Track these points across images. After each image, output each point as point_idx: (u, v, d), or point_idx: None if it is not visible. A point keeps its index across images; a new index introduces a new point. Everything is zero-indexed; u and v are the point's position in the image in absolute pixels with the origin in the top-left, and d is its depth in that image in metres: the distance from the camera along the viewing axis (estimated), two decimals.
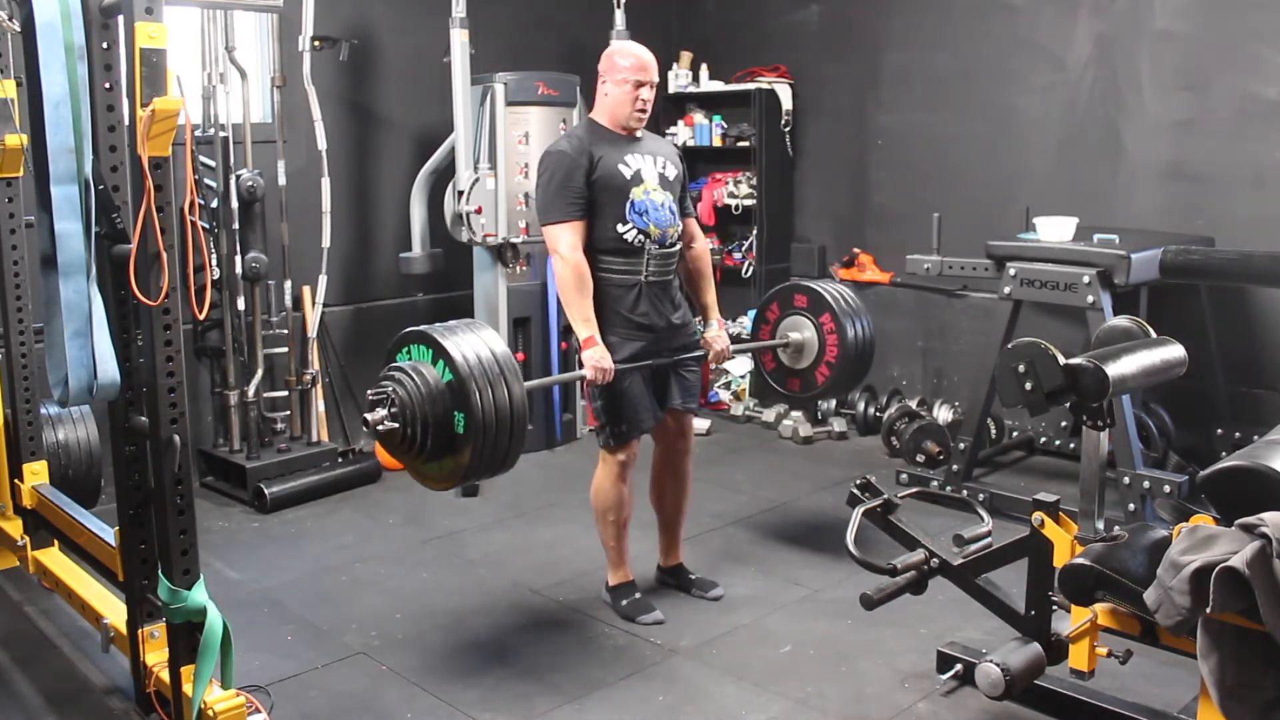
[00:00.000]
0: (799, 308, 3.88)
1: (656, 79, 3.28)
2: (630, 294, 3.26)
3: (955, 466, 4.40)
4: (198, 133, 4.50)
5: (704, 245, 3.57)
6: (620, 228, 3.22)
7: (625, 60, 3.24)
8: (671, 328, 3.36)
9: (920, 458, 4.82)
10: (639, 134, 3.33)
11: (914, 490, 3.71)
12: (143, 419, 2.55)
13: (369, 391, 2.83)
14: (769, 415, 5.65)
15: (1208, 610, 2.09)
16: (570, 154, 3.19)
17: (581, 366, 3.26)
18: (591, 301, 3.20)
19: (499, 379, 2.76)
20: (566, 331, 5.21)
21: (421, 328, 2.86)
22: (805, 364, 3.89)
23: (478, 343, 2.81)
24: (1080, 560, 2.46)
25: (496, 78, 4.99)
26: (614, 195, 3.22)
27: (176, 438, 2.46)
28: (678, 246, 3.37)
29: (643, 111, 3.27)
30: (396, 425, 2.75)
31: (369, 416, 2.76)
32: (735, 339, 3.56)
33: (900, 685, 3.01)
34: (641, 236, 3.24)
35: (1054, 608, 2.65)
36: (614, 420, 3.29)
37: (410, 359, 2.86)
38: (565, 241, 3.17)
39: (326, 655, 3.22)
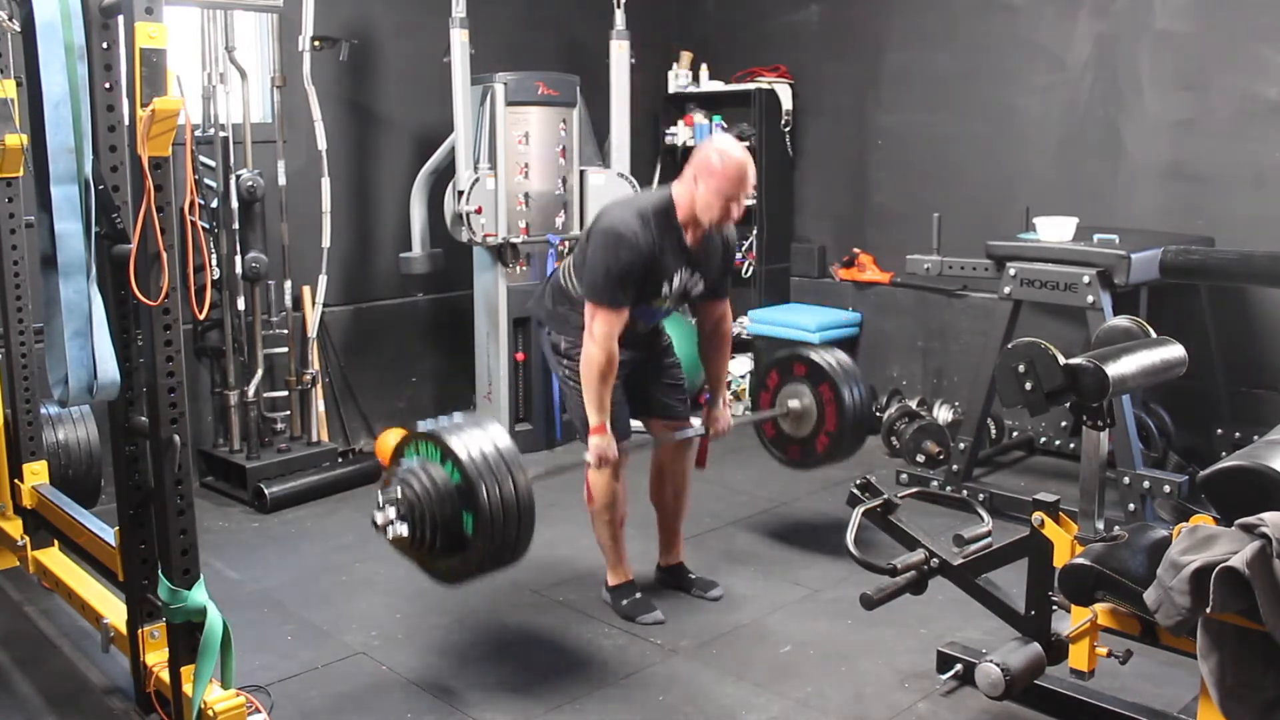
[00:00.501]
0: (798, 376, 3.94)
1: (750, 192, 3.14)
2: None
3: (955, 466, 4.40)
4: (198, 133, 4.50)
5: (729, 326, 3.54)
6: None
7: (724, 168, 3.04)
8: (651, 344, 3.44)
9: (920, 458, 4.82)
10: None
11: (914, 490, 3.71)
12: (143, 419, 2.55)
13: (379, 494, 2.85)
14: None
15: (1208, 610, 2.09)
16: (641, 248, 3.08)
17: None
18: (611, 390, 3.18)
19: (505, 474, 2.78)
20: None
21: (431, 429, 2.87)
22: (805, 432, 3.96)
23: (484, 439, 2.83)
24: (1080, 560, 2.46)
25: (496, 78, 4.99)
26: (638, 298, 3.19)
27: (176, 438, 2.46)
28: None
29: (722, 224, 3.19)
30: (405, 530, 2.79)
31: (379, 519, 2.79)
32: (737, 417, 3.66)
33: (900, 685, 3.01)
34: (629, 323, 3.24)
35: (1054, 608, 2.65)
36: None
37: (419, 457, 2.87)
38: (605, 329, 3.11)
39: (326, 655, 3.22)
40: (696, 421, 3.58)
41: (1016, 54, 5.10)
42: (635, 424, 3.48)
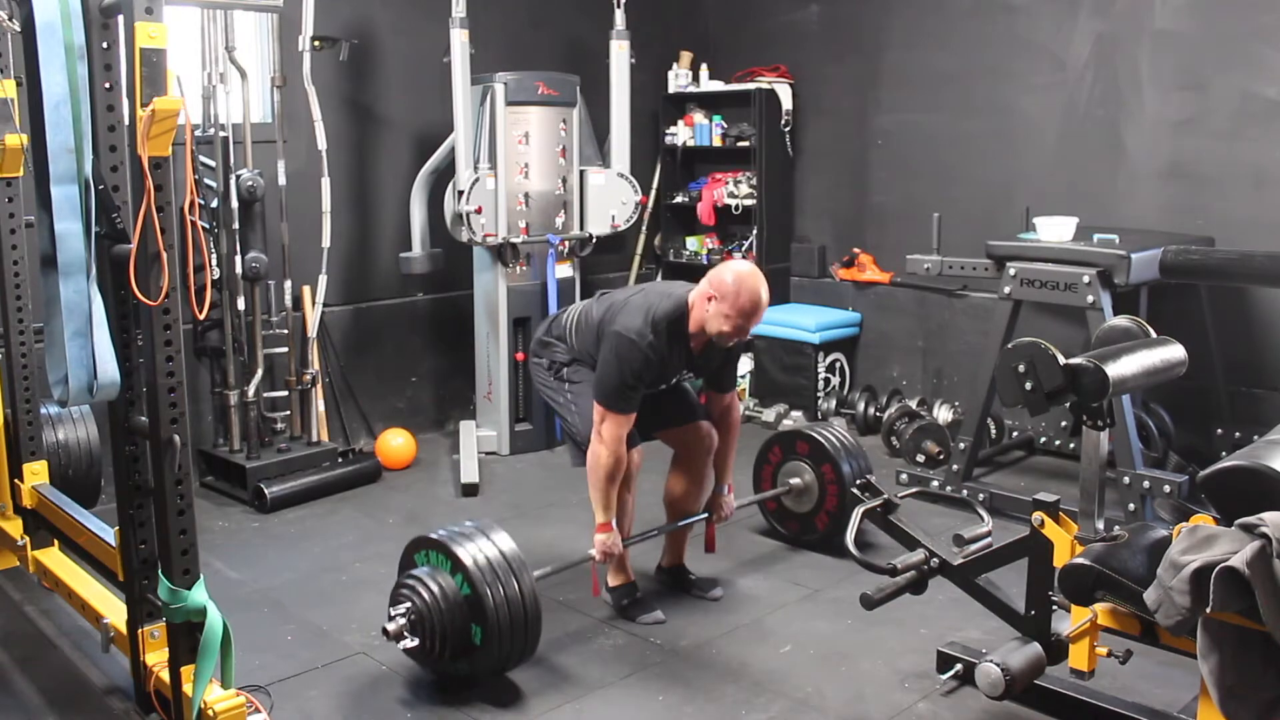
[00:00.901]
0: (800, 454, 3.97)
1: (758, 326, 3.23)
2: None
3: (955, 466, 4.40)
4: (198, 133, 4.49)
5: (737, 417, 3.57)
6: None
7: (743, 299, 3.10)
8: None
9: (920, 458, 4.82)
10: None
11: (914, 490, 3.73)
12: (143, 419, 2.55)
13: (390, 607, 2.95)
14: (769, 415, 5.65)
15: (1208, 610, 2.09)
16: (652, 359, 3.17)
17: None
18: (616, 490, 3.27)
19: (510, 576, 2.90)
20: None
21: (439, 538, 2.96)
22: (806, 509, 3.99)
23: (489, 546, 2.94)
24: (1080, 560, 2.46)
25: (496, 78, 4.99)
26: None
27: (176, 438, 2.46)
28: None
29: (727, 345, 3.27)
30: (416, 642, 2.89)
31: (390, 628, 2.90)
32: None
33: (900, 685, 3.01)
34: None
35: (1054, 608, 2.65)
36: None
37: (428, 565, 2.98)
38: (614, 432, 3.19)
39: (326, 655, 3.22)
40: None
41: (1016, 54, 5.10)
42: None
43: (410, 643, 2.89)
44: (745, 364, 5.89)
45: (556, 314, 3.62)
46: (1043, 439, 5.03)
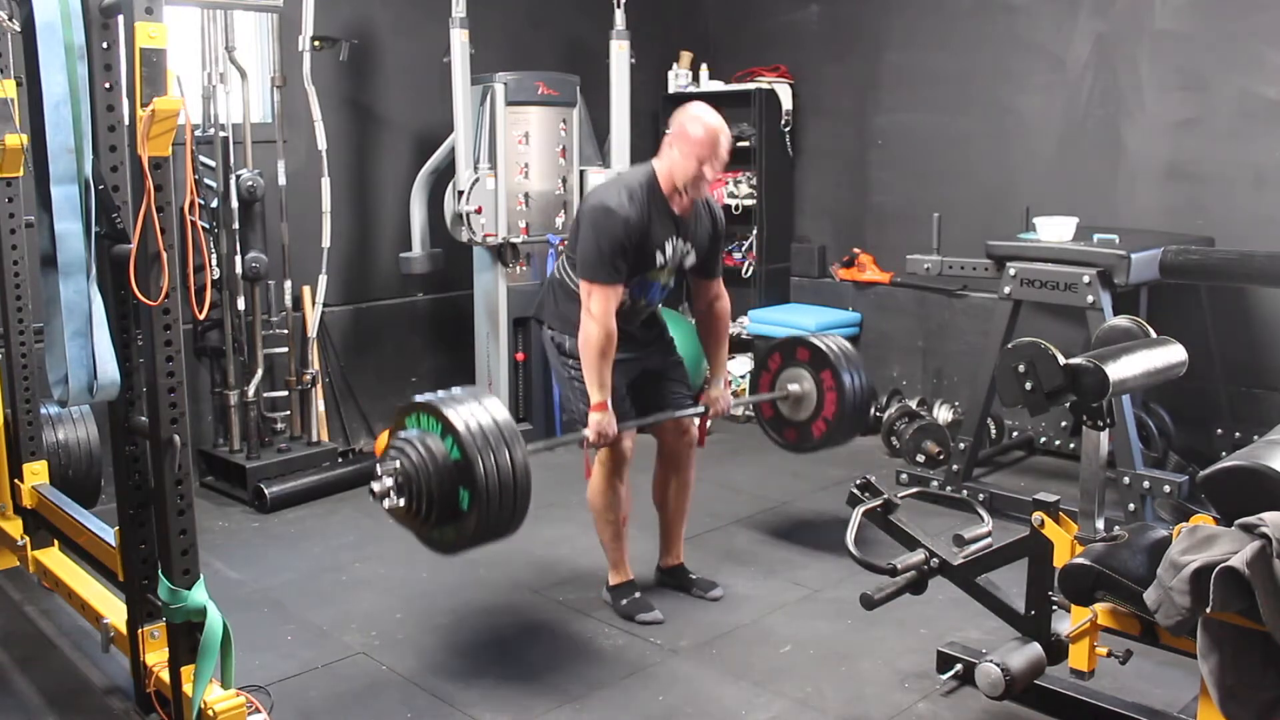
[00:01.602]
0: (800, 361, 3.94)
1: (725, 157, 3.19)
2: None
3: (955, 466, 4.40)
4: (198, 133, 4.49)
5: (725, 305, 3.56)
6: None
7: (697, 132, 3.12)
8: (653, 343, 3.45)
9: (920, 458, 4.82)
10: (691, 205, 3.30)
11: (914, 490, 3.72)
12: (143, 419, 2.55)
13: (378, 464, 2.86)
14: None
15: (1208, 610, 2.09)
16: (631, 222, 3.14)
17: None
18: (610, 367, 3.20)
19: (501, 445, 2.78)
20: None
21: (430, 400, 2.86)
22: (803, 416, 3.96)
23: (482, 412, 2.83)
24: (1080, 560, 2.46)
25: (496, 78, 4.99)
26: (633, 270, 3.22)
27: (176, 438, 2.46)
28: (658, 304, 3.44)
29: (700, 189, 3.23)
30: (403, 502, 2.80)
31: (376, 488, 2.81)
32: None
33: (900, 685, 3.01)
34: (629, 302, 3.29)
35: (1054, 608, 2.65)
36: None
37: (419, 428, 2.87)
38: (602, 305, 3.14)
39: (326, 655, 3.22)
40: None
41: (1016, 54, 5.10)
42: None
43: (397, 500, 2.78)
44: (745, 364, 5.89)
45: (554, 269, 3.56)
46: (1043, 439, 5.03)
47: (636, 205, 3.17)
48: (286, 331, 4.81)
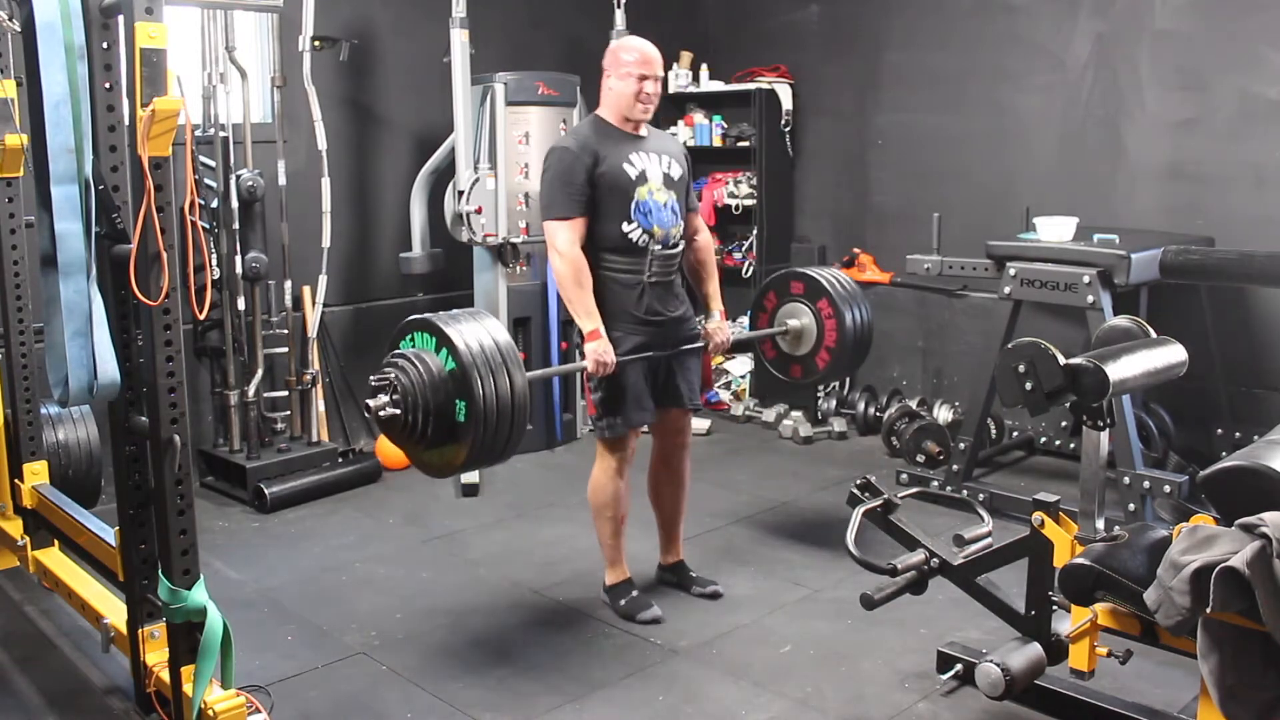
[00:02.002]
0: (796, 294, 3.90)
1: (661, 73, 3.28)
2: (634, 291, 3.27)
3: (955, 466, 4.40)
4: (198, 133, 4.50)
5: (707, 238, 3.58)
6: (625, 227, 3.23)
7: (629, 55, 3.24)
8: (674, 321, 3.38)
9: (920, 458, 4.82)
10: (644, 131, 3.34)
11: (914, 490, 3.71)
12: (143, 419, 2.55)
13: (372, 378, 2.83)
14: (769, 415, 5.65)
15: (1208, 610, 2.09)
16: (574, 150, 3.19)
17: (583, 358, 3.25)
18: (592, 295, 3.20)
19: (501, 368, 2.75)
20: (566, 328, 5.21)
21: (426, 315, 2.85)
22: (805, 350, 3.91)
23: (481, 331, 2.80)
24: (1080, 560, 2.46)
25: (496, 78, 4.99)
26: (619, 194, 3.22)
27: (176, 438, 2.46)
28: (680, 247, 3.38)
29: (647, 105, 3.27)
30: (399, 411, 2.75)
31: (371, 402, 2.76)
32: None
33: (900, 685, 3.01)
34: (645, 236, 3.25)
35: (1054, 608, 2.65)
36: (610, 412, 3.29)
37: (414, 346, 2.84)
38: (563, 238, 3.17)
39: (326, 655, 3.22)
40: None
41: (1016, 54, 5.10)
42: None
43: (393, 410, 2.74)
44: (745, 364, 5.89)
45: None
46: (1043, 439, 5.03)
47: (578, 137, 3.25)
48: (286, 331, 4.81)
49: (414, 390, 2.74)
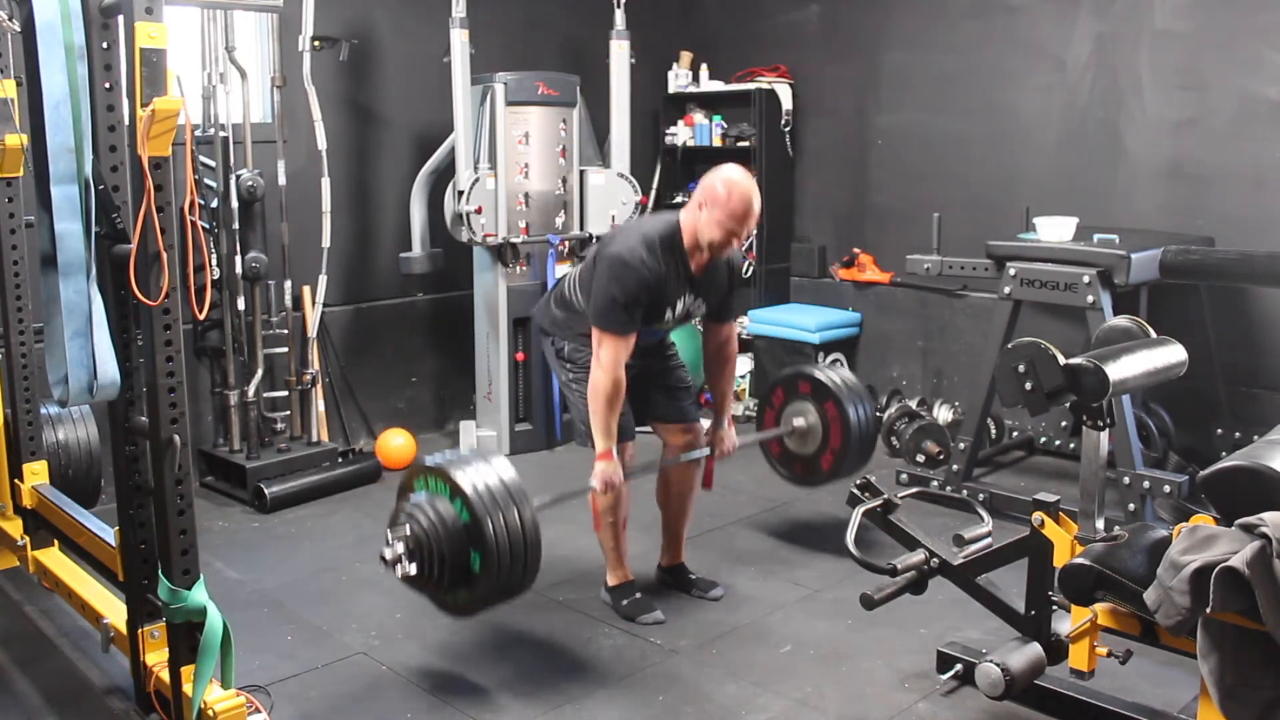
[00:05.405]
0: (803, 394, 3.96)
1: (753, 229, 3.19)
2: None
3: (955, 466, 4.40)
4: (198, 133, 4.49)
5: (734, 348, 3.55)
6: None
7: (733, 207, 3.09)
8: (653, 346, 3.44)
9: (920, 458, 4.82)
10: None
11: (914, 490, 3.71)
12: (143, 419, 2.55)
13: (389, 529, 2.89)
14: None
15: (1208, 610, 2.09)
16: (645, 276, 3.10)
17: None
18: (618, 416, 3.19)
19: (510, 505, 2.82)
20: None
21: (439, 464, 2.89)
22: (810, 450, 3.97)
23: (490, 473, 2.87)
24: (1080, 560, 2.46)
25: (496, 78, 4.99)
26: (642, 320, 3.21)
27: (176, 438, 2.46)
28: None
29: (721, 255, 3.23)
30: (414, 568, 2.83)
31: (387, 554, 2.84)
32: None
33: (900, 685, 3.01)
34: (644, 337, 3.29)
35: (1054, 608, 2.65)
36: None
37: (428, 490, 2.90)
38: (612, 355, 3.12)
39: (326, 655, 3.22)
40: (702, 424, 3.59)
41: (1016, 54, 5.10)
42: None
43: (409, 567, 2.81)
44: (745, 364, 5.89)
45: (559, 281, 3.57)
46: (1043, 439, 5.03)
47: (655, 260, 3.13)
48: (286, 331, 4.81)
49: (429, 541, 2.81)
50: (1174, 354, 2.72)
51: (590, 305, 3.18)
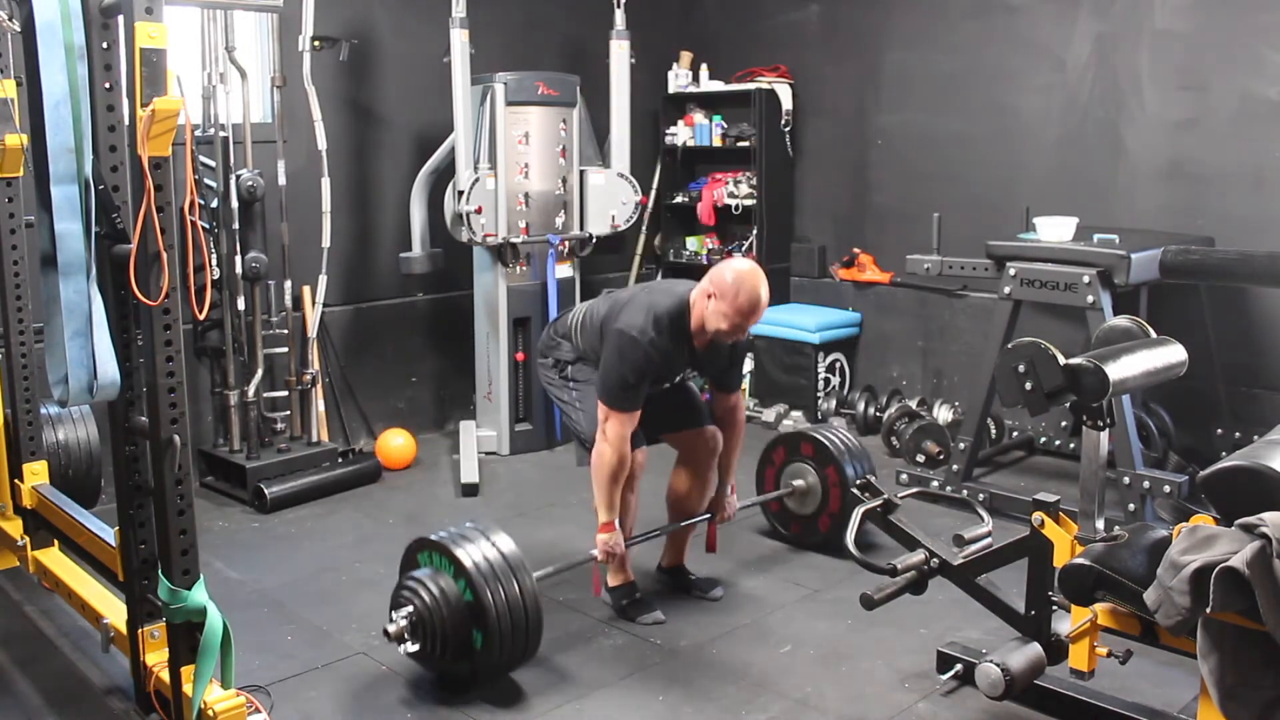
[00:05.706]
0: (805, 455, 3.97)
1: (757, 324, 3.22)
2: None
3: (955, 466, 4.40)
4: (198, 133, 4.49)
5: (742, 417, 3.55)
6: None
7: (740, 303, 3.09)
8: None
9: (920, 458, 4.82)
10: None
11: (914, 490, 3.72)
12: (143, 419, 2.55)
13: (391, 609, 2.97)
14: (769, 415, 5.65)
15: (1208, 610, 2.09)
16: (652, 355, 3.15)
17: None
18: (621, 490, 3.27)
19: (510, 581, 2.91)
20: None
21: (441, 540, 2.97)
22: (809, 510, 3.97)
23: (489, 548, 2.95)
24: (1080, 560, 2.46)
25: (496, 78, 4.99)
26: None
27: (176, 438, 2.46)
28: None
29: (723, 342, 3.26)
30: (417, 647, 2.91)
31: (391, 630, 2.91)
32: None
33: (900, 685, 3.01)
34: None
35: (1054, 608, 2.65)
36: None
37: (430, 565, 2.99)
38: (618, 430, 3.18)
39: (326, 655, 3.22)
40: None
41: (1016, 54, 5.10)
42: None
43: (411, 646, 2.90)
44: (745, 364, 5.88)
45: (561, 314, 3.64)
46: (1043, 439, 5.03)
47: (663, 336, 3.18)
48: (286, 331, 4.81)
49: (431, 619, 2.89)
50: (1174, 354, 2.72)
51: (599, 380, 3.25)
